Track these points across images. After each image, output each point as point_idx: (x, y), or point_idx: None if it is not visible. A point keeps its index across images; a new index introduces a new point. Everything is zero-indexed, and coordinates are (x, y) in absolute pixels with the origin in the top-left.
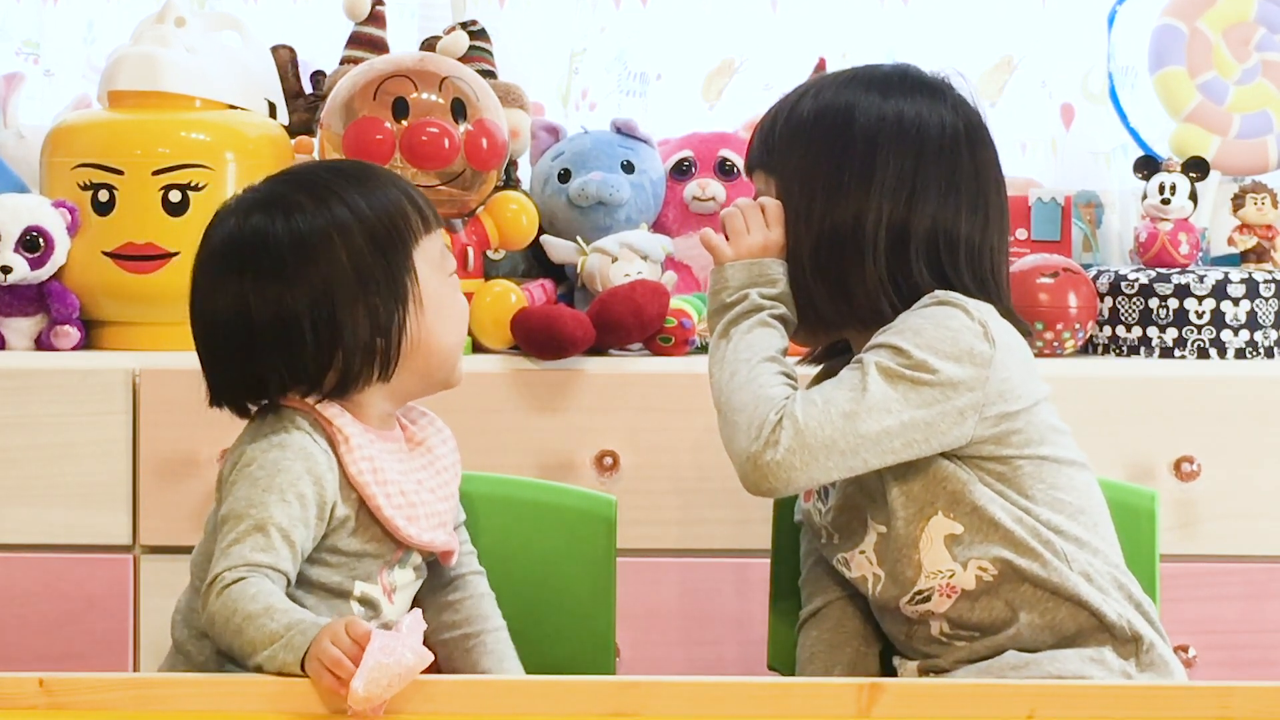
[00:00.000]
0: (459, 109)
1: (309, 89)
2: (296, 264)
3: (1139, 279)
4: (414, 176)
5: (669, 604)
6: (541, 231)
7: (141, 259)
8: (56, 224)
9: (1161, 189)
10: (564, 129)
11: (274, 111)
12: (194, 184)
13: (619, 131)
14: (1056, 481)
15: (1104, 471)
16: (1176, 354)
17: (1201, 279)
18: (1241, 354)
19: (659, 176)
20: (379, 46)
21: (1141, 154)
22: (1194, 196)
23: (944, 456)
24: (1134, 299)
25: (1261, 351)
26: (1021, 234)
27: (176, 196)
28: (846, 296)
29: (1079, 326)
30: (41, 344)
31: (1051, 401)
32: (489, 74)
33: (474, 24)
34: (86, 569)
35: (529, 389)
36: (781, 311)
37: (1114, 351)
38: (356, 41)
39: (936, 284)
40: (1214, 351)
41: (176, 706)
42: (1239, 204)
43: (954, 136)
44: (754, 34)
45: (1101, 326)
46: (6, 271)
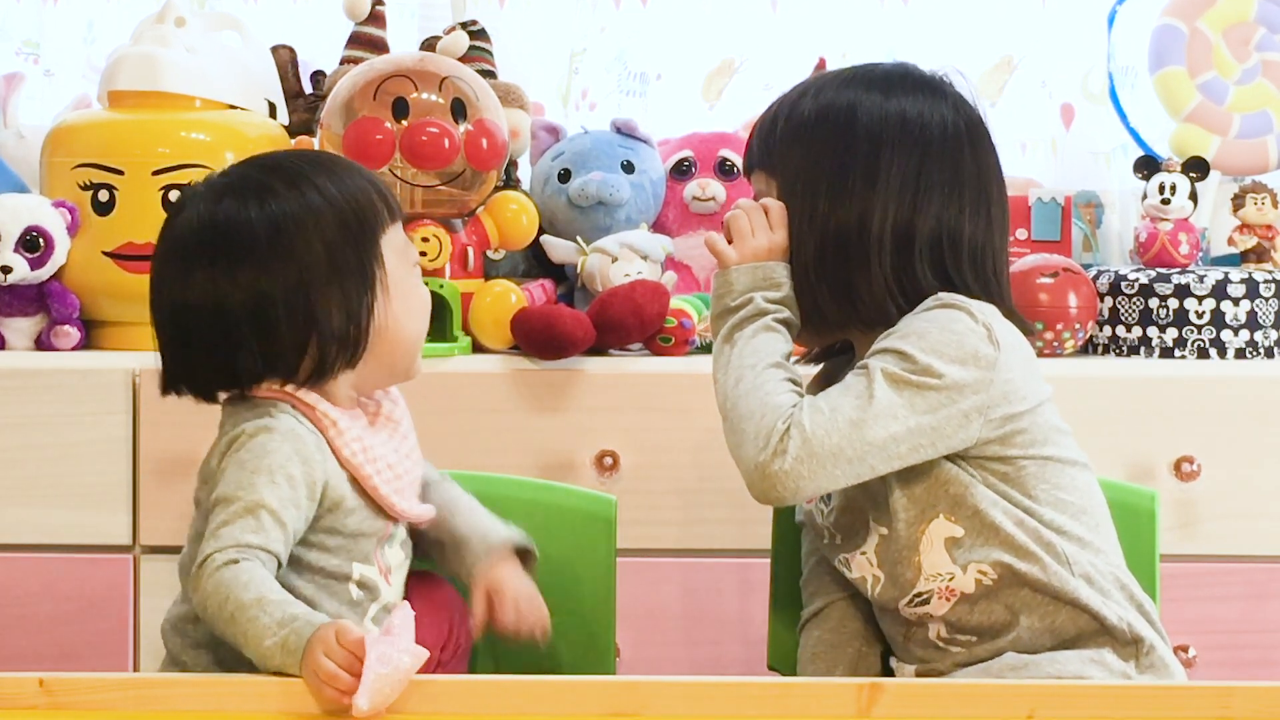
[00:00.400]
0: (459, 109)
1: (309, 89)
2: (271, 249)
3: (1139, 279)
4: (414, 176)
5: (669, 604)
6: (541, 231)
7: (142, 259)
8: (56, 224)
9: (1161, 189)
10: (564, 129)
11: (274, 111)
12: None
13: (619, 131)
14: (1059, 482)
15: (1104, 471)
16: (1176, 354)
17: (1201, 279)
18: (1241, 354)
19: (659, 176)
20: (379, 46)
21: (1141, 154)
22: (1194, 196)
23: (947, 459)
24: (1134, 299)
25: (1261, 351)
26: (1021, 234)
27: (176, 196)
28: (851, 298)
29: (1079, 326)
30: (41, 344)
31: (1053, 402)
32: (489, 74)
33: (474, 24)
34: (86, 569)
35: (529, 389)
36: (786, 315)
37: (1114, 351)
38: (356, 41)
39: (940, 285)
40: (1214, 351)
41: (176, 706)
42: (1239, 204)
43: (956, 135)
44: (754, 34)
45: (1101, 326)
46: (6, 271)
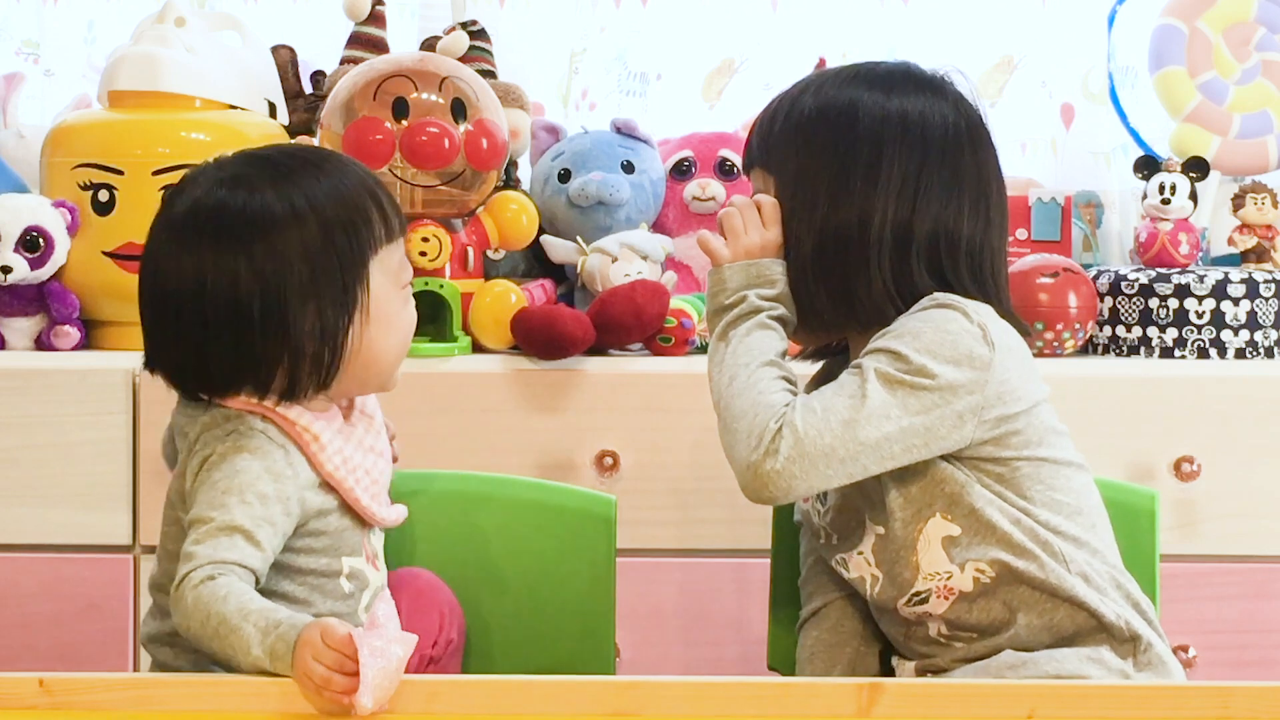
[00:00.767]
0: (459, 109)
1: (309, 89)
2: (256, 241)
3: (1139, 279)
4: (414, 176)
5: (669, 604)
6: (541, 231)
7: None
8: (56, 224)
9: (1161, 189)
10: (564, 129)
11: (274, 111)
12: None
13: (619, 131)
14: (1054, 483)
15: (1104, 471)
16: (1176, 354)
17: (1201, 279)
18: (1241, 354)
19: (659, 176)
20: (379, 46)
21: (1141, 154)
22: (1194, 196)
23: (943, 459)
24: (1134, 299)
25: (1261, 351)
26: (1021, 234)
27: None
28: (849, 299)
29: (1079, 326)
30: (41, 344)
31: (1050, 402)
32: (489, 74)
33: (474, 24)
34: (86, 569)
35: (529, 389)
36: (780, 312)
37: (1114, 351)
38: (356, 41)
39: (936, 285)
40: (1214, 351)
41: (176, 706)
42: (1239, 204)
43: (956, 135)
44: (754, 34)
45: (1101, 326)
46: (6, 271)
